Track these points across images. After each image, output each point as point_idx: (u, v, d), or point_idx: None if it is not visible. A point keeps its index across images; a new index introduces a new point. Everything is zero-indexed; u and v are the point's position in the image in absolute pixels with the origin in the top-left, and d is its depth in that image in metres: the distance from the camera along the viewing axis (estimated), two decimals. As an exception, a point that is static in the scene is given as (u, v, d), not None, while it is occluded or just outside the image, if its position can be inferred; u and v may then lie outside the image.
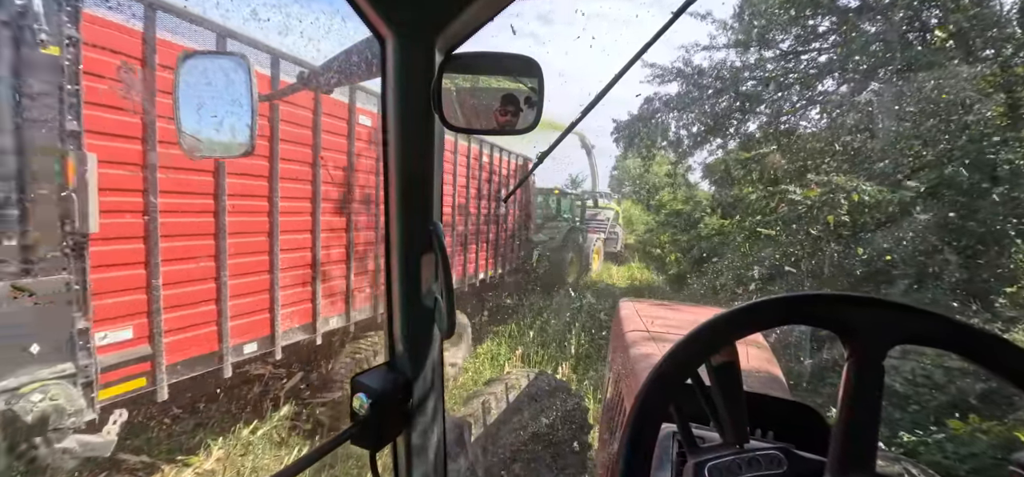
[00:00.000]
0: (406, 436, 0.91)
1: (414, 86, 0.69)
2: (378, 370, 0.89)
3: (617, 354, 2.06)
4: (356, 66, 0.77)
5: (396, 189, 0.76)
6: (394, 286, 0.84)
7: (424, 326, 0.86)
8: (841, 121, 6.94)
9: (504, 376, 3.16)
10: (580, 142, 15.07)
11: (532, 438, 2.77)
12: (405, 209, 0.77)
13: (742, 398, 0.61)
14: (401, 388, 0.87)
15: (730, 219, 8.54)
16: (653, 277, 12.85)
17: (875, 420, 0.53)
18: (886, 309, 0.55)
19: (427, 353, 0.88)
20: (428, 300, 0.84)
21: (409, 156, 0.74)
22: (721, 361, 0.60)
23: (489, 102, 0.73)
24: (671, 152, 10.32)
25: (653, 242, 14.44)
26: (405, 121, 0.72)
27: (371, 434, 0.84)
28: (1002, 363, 0.52)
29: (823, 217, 5.72)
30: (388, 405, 0.84)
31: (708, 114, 9.16)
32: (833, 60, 7.88)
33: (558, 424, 2.94)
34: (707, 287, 7.62)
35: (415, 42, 0.68)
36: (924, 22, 6.99)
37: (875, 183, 5.43)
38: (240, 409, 3.99)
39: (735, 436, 0.62)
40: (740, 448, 0.62)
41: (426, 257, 0.81)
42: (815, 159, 6.76)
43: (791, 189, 6.14)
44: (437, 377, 0.94)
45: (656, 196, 16.34)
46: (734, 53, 9.18)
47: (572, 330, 6.81)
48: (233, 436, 4.05)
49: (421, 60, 0.68)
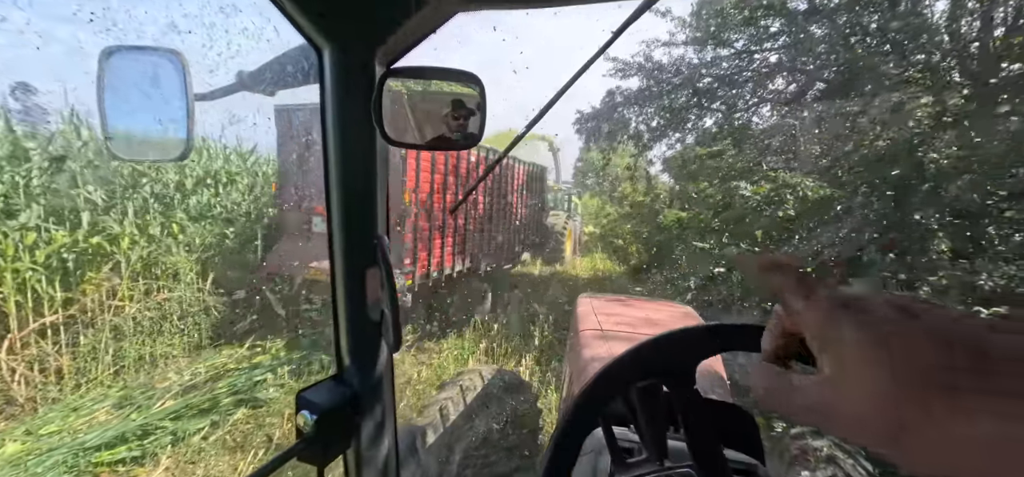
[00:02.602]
0: (355, 449, 0.90)
1: (353, 97, 0.67)
2: (324, 384, 0.87)
3: (573, 352, 2.10)
4: (291, 75, 0.75)
5: (338, 202, 0.74)
6: (339, 299, 0.82)
7: (371, 339, 0.85)
8: (789, 119, 7.33)
9: (457, 378, 3.15)
10: (548, 146, 15.65)
11: (483, 442, 2.78)
12: (347, 222, 0.75)
13: (662, 418, 0.65)
14: (348, 402, 0.86)
15: (688, 212, 8.86)
16: (615, 267, 13.19)
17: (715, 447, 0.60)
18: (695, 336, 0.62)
19: (375, 366, 0.87)
20: (374, 313, 0.83)
21: (350, 168, 0.72)
22: (644, 384, 0.63)
23: (432, 116, 0.72)
24: (631, 145, 10.56)
25: (615, 233, 14.79)
26: (345, 132, 0.70)
27: (317, 450, 0.82)
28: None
29: (773, 212, 6.05)
30: (334, 420, 0.83)
31: (667, 109, 9.42)
32: (783, 60, 8.28)
33: (509, 429, 2.96)
34: (664, 280, 7.90)
35: (353, 53, 0.66)
36: (864, 26, 7.44)
37: (817, 180, 5.78)
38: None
39: (656, 453, 0.66)
40: (661, 464, 0.66)
41: (371, 271, 0.80)
42: (765, 156, 7.11)
43: (742, 185, 6.43)
44: (387, 389, 0.93)
45: (618, 188, 16.73)
46: (692, 50, 9.48)
47: (536, 323, 6.88)
48: (183, 444, 3.88)
49: (360, 72, 0.66)
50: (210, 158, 7.13)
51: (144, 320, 5.36)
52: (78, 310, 4.94)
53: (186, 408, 4.29)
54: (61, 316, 4.82)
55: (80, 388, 4.62)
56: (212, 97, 1.12)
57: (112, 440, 3.80)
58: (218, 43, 4.78)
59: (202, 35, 4.85)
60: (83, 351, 4.82)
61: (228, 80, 0.86)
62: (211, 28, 4.85)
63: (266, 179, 7.55)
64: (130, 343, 5.13)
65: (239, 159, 7.57)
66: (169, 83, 0.99)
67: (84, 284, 5.06)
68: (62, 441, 3.78)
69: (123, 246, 5.37)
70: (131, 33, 5.27)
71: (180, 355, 5.46)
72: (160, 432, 3.94)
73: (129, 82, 1.00)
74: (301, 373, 5.15)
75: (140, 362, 5.14)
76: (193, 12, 4.91)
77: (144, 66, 1.03)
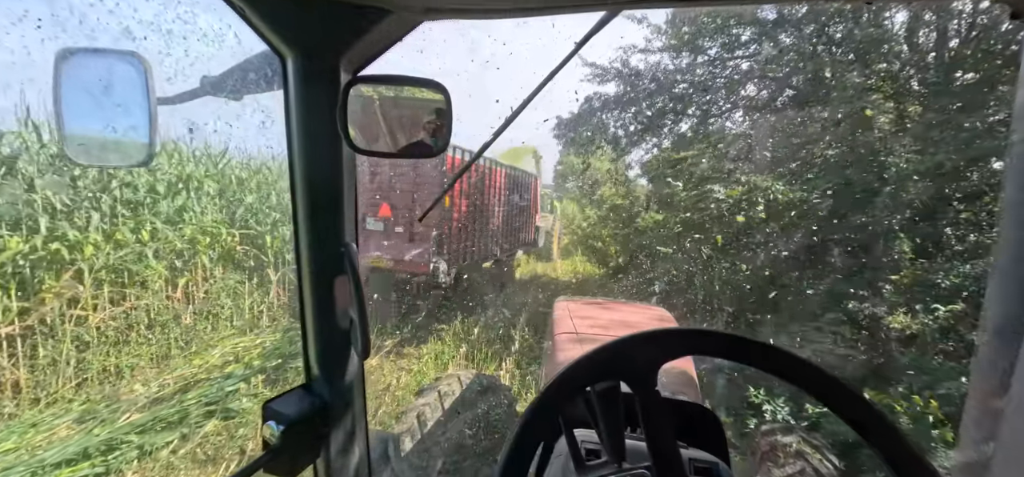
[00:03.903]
0: (325, 459, 0.88)
1: (318, 105, 0.67)
2: (292, 394, 0.86)
3: (549, 355, 2.11)
4: (254, 82, 0.74)
5: (304, 210, 0.73)
6: (307, 308, 0.81)
7: (340, 347, 0.84)
8: (761, 124, 7.55)
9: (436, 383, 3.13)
10: (533, 155, 16.24)
11: (459, 448, 2.77)
12: (314, 230, 0.75)
13: (620, 421, 0.67)
14: (318, 412, 0.85)
15: (665, 214, 9.02)
16: (595, 269, 13.36)
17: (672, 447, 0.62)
18: (647, 340, 0.64)
19: (344, 374, 0.86)
20: (343, 321, 0.82)
21: (316, 176, 0.72)
22: (602, 387, 0.65)
23: (398, 124, 0.72)
24: (610, 149, 10.71)
25: (595, 235, 14.95)
26: (310, 140, 0.70)
27: (284, 461, 0.81)
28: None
29: (747, 214, 6.21)
30: (302, 430, 0.82)
31: (643, 113, 9.59)
32: (753, 68, 8.52)
33: (482, 435, 2.95)
34: (642, 280, 8.04)
35: (317, 61, 0.66)
36: (830, 37, 7.73)
37: (786, 183, 5.97)
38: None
39: (614, 455, 0.68)
40: (619, 467, 0.68)
41: (340, 279, 0.79)
42: (737, 161, 7.30)
43: (716, 189, 6.59)
44: (357, 397, 0.92)
45: (597, 191, 16.97)
46: (667, 56, 9.67)
47: (516, 325, 6.90)
48: (150, 458, 3.74)
49: (325, 79, 0.66)
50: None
51: (108, 329, 5.15)
52: (36, 320, 4.71)
53: (153, 421, 4.14)
54: (17, 327, 4.59)
55: (39, 402, 4.40)
56: (175, 101, 1.09)
57: (74, 456, 3.63)
58: (176, 49, 4.64)
59: (159, 41, 4.71)
60: (42, 363, 4.59)
61: (188, 86, 0.84)
62: (168, 35, 4.70)
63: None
64: (94, 354, 4.92)
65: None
66: (130, 86, 0.95)
67: (43, 293, 4.83)
68: (19, 459, 3.59)
69: (86, 252, 5.14)
70: (81, 38, 5.10)
71: (147, 366, 5.26)
72: (125, 447, 3.79)
73: (87, 85, 0.96)
74: (276, 381, 5.04)
75: (104, 374, 4.94)
76: (148, 18, 4.71)
77: (102, 68, 0.99)
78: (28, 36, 4.97)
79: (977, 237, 4.90)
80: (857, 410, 0.58)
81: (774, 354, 0.62)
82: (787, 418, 3.85)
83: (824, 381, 0.60)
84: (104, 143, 0.99)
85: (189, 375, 5.09)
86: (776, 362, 0.62)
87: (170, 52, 4.63)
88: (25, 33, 4.95)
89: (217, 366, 5.34)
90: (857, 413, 0.58)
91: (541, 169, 18.07)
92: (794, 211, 5.90)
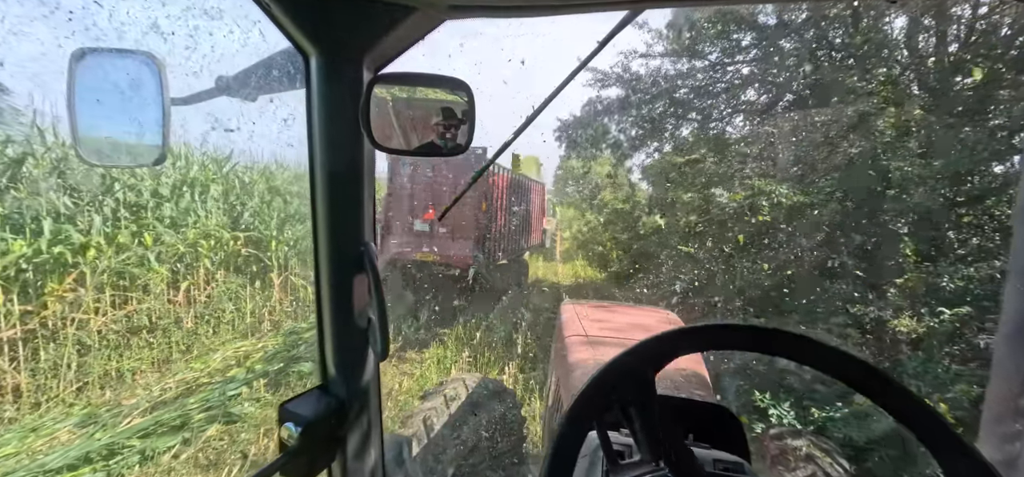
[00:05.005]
0: (341, 462, 0.87)
1: (340, 104, 0.67)
2: (308, 395, 0.85)
3: (559, 358, 2.10)
4: (277, 80, 0.73)
5: (324, 208, 0.73)
6: (324, 308, 0.81)
7: (358, 348, 0.83)
8: (762, 129, 7.56)
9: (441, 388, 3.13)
10: (535, 162, 16.73)
11: (471, 451, 2.76)
12: (334, 229, 0.74)
13: (655, 420, 0.65)
14: (334, 413, 0.84)
15: (667, 218, 9.02)
16: (596, 273, 13.36)
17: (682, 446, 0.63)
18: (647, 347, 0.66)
19: (361, 375, 0.85)
20: (361, 321, 0.82)
21: (337, 174, 0.71)
22: (633, 393, 0.64)
23: (420, 123, 0.72)
24: (611, 154, 10.74)
25: (596, 240, 14.96)
26: (332, 138, 0.69)
27: (302, 463, 0.80)
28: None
29: (753, 217, 6.21)
30: (319, 432, 0.81)
31: (645, 118, 9.61)
32: (754, 72, 8.54)
33: (497, 436, 2.95)
34: (644, 284, 8.03)
35: (340, 59, 0.65)
36: (830, 41, 7.76)
37: (790, 187, 5.97)
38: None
39: (651, 454, 0.66)
40: (657, 465, 0.66)
41: (359, 278, 0.79)
42: (741, 164, 7.30)
43: (719, 192, 6.59)
44: (373, 399, 0.91)
45: (598, 196, 17.04)
46: (668, 61, 9.70)
47: (519, 329, 6.89)
48: (152, 463, 3.71)
49: (347, 78, 0.66)
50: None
51: (110, 333, 5.14)
52: (38, 323, 4.69)
53: (155, 425, 4.12)
54: (19, 330, 4.57)
55: (40, 406, 4.38)
56: (190, 101, 1.08)
57: (75, 461, 3.61)
58: (202, 45, 4.66)
59: (184, 37, 4.73)
60: (44, 367, 4.57)
61: (209, 84, 0.84)
62: (194, 31, 4.72)
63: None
64: (95, 357, 4.90)
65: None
66: (143, 87, 0.95)
67: (45, 296, 4.82)
68: (20, 464, 3.57)
69: (89, 256, 5.13)
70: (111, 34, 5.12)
71: (149, 370, 5.25)
72: (127, 451, 3.76)
73: (101, 85, 0.96)
74: (278, 385, 5.02)
75: (106, 378, 4.92)
76: (175, 14, 4.72)
77: (117, 69, 0.99)
78: (59, 29, 4.98)
79: (980, 240, 4.90)
80: (897, 399, 0.58)
81: (805, 344, 0.63)
82: (793, 422, 3.83)
83: (867, 372, 0.60)
84: (116, 144, 0.99)
85: (191, 379, 5.07)
86: (806, 353, 0.62)
87: (198, 45, 4.68)
88: (57, 26, 4.94)
89: (219, 370, 5.32)
90: (898, 402, 0.58)
91: (542, 175, 18.54)
92: (798, 214, 5.90)
